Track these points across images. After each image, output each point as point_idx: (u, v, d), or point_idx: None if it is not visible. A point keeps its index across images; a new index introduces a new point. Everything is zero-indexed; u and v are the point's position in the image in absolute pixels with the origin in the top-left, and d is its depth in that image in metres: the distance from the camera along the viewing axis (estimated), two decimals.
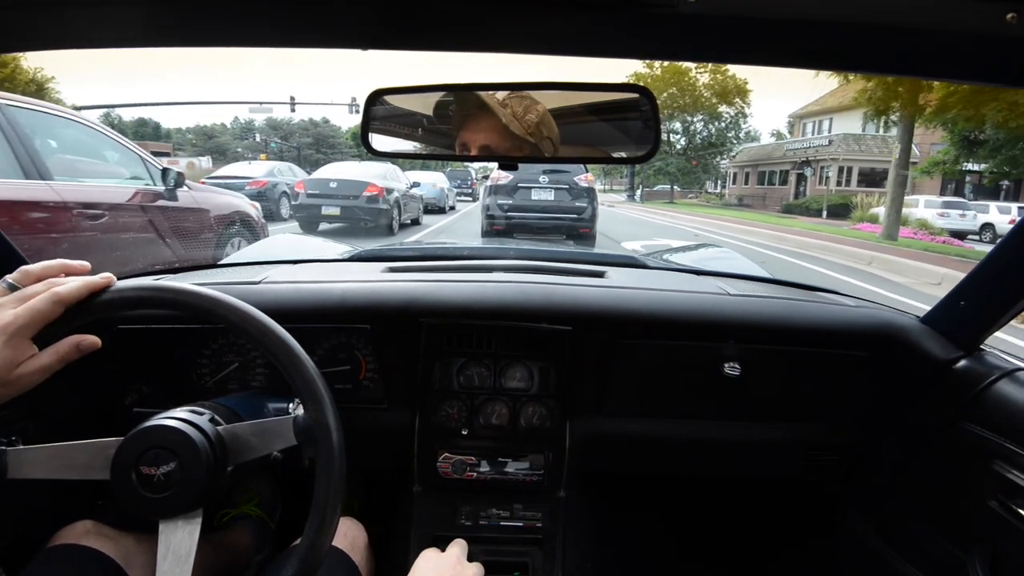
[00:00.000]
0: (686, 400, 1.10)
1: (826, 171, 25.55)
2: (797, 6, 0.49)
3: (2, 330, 0.58)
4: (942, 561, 0.91)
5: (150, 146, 27.85)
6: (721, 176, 37.44)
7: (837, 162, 25.43)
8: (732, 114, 34.82)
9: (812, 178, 26.93)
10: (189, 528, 0.61)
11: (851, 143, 26.03)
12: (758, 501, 1.41)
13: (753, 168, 33.10)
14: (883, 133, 24.78)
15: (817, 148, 27.05)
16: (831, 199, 22.41)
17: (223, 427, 0.66)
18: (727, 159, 35.80)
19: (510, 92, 0.67)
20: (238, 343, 1.06)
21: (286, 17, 0.54)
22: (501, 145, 0.68)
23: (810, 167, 26.47)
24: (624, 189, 47.61)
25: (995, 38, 0.49)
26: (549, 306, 1.06)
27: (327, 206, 8.38)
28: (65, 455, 0.63)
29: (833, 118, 30.01)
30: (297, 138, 35.26)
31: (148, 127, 43.08)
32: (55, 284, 0.62)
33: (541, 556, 1.08)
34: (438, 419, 1.07)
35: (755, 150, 34.25)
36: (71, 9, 0.53)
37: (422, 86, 0.70)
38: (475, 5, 0.51)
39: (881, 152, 24.38)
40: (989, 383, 0.88)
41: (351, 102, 21.54)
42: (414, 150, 0.74)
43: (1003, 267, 0.88)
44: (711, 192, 39.66)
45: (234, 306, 0.66)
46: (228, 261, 1.47)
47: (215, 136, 31.37)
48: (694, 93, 33.22)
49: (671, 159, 33.97)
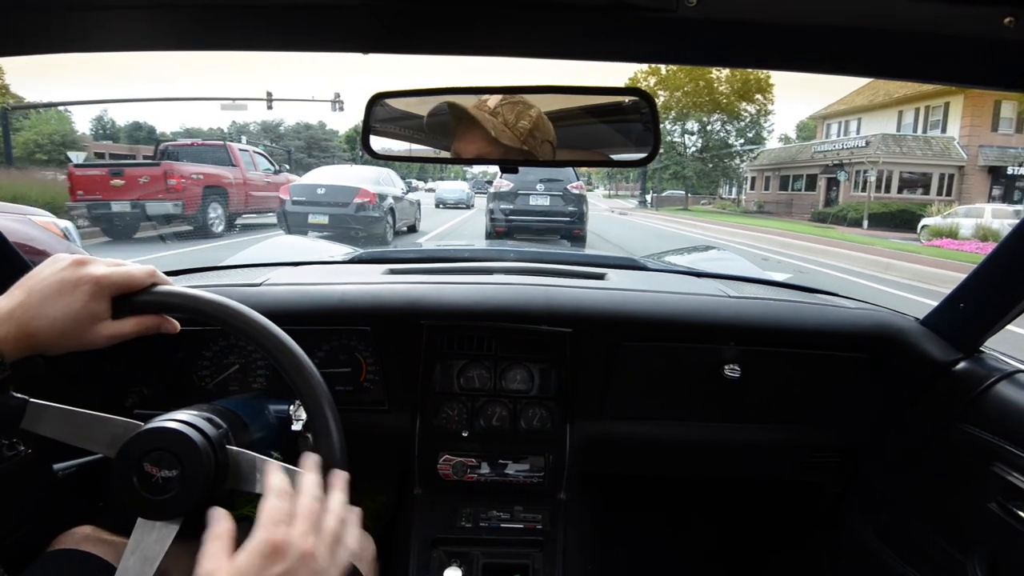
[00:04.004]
0: (686, 402, 1.10)
1: (865, 175, 21.92)
2: (795, 11, 0.49)
3: (95, 281, 0.60)
4: (942, 563, 0.91)
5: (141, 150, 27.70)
6: (740, 180, 33.50)
7: (877, 165, 21.64)
8: (753, 112, 31.05)
9: (846, 183, 23.57)
10: (164, 533, 0.61)
11: (891, 144, 22.64)
12: (757, 503, 1.41)
13: (775, 172, 29.80)
14: (926, 134, 22.93)
15: (852, 150, 23.47)
16: (873, 207, 19.62)
17: (233, 449, 0.65)
18: (746, 162, 31.91)
19: (503, 99, 0.67)
20: (239, 345, 1.07)
21: (288, 22, 0.54)
22: (492, 152, 0.70)
23: (844, 171, 22.96)
24: (630, 194, 45.04)
25: (992, 42, 0.49)
26: (549, 308, 1.06)
27: (314, 214, 7.90)
28: (81, 422, 0.63)
29: (862, 118, 27.21)
30: (287, 141, 34.55)
31: (143, 131, 42.98)
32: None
33: (541, 558, 1.07)
34: (439, 421, 1.07)
35: (777, 152, 31.24)
36: (78, 13, 0.53)
37: (423, 89, 0.70)
38: (476, 9, 0.51)
39: (924, 155, 22.27)
40: (989, 385, 0.88)
41: (334, 98, 19.01)
42: (413, 153, 0.75)
43: (1003, 269, 0.88)
44: (725, 198, 35.79)
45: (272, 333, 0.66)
46: (229, 263, 1.48)
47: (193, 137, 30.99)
48: (711, 90, 29.85)
49: (688, 162, 30.75)
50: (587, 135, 0.72)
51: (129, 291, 0.63)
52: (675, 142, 30.84)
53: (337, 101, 19.14)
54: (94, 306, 0.60)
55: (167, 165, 8.76)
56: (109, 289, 0.61)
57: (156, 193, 8.38)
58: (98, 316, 0.60)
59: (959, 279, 0.96)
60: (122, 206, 8.32)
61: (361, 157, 39.53)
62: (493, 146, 0.69)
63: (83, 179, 8.46)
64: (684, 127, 31.03)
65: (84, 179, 8.46)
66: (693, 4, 0.47)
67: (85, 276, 0.60)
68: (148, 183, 8.37)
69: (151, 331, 0.64)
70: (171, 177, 8.45)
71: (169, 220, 9.02)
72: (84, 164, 10.54)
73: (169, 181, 8.42)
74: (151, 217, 8.70)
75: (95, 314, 0.60)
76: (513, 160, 0.70)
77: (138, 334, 0.63)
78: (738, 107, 30.42)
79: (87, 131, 39.58)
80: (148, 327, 0.63)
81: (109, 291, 0.61)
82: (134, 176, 8.45)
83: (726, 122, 31.06)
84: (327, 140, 39.86)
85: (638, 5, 0.48)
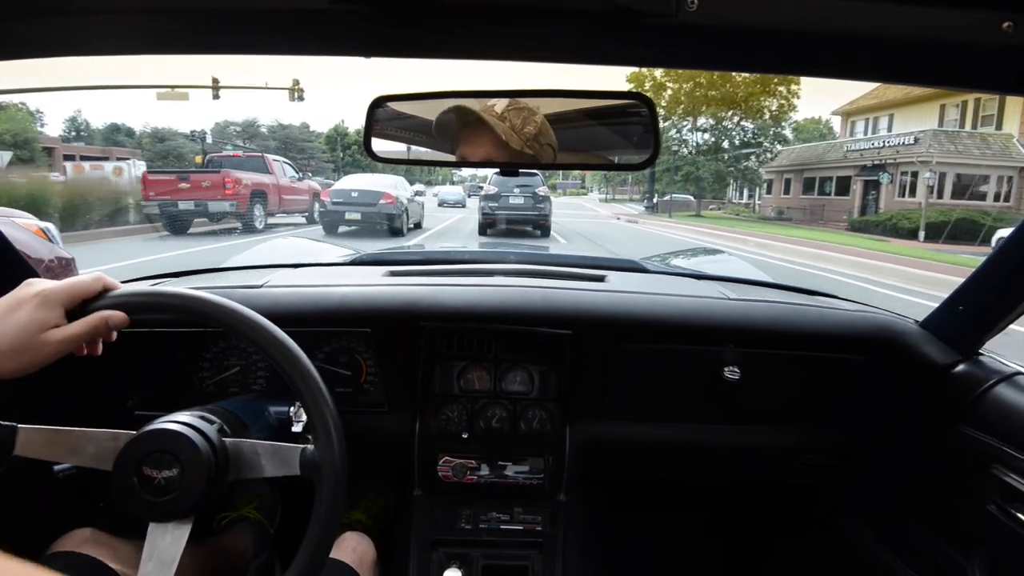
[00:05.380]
0: (686, 404, 1.11)
1: (911, 178, 18.66)
2: (794, 15, 0.49)
3: (40, 294, 0.61)
4: (941, 565, 0.91)
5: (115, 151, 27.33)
6: (758, 182, 28.22)
7: (929, 166, 17.64)
8: (774, 108, 26.47)
9: (889, 186, 19.58)
10: (178, 534, 0.62)
11: (944, 142, 18.55)
12: (757, 505, 1.41)
13: (797, 173, 25.50)
14: (979, 129, 19.18)
15: (897, 148, 19.24)
16: (933, 215, 16.13)
17: (230, 440, 0.66)
18: (763, 163, 27.09)
19: (509, 104, 0.68)
20: (239, 346, 1.07)
21: (289, 26, 0.54)
22: (499, 156, 0.70)
23: (887, 172, 19.34)
24: (629, 198, 41.90)
25: (992, 46, 0.49)
26: (549, 310, 1.06)
27: (350, 212, 10.42)
28: (74, 440, 0.64)
29: (894, 114, 22.62)
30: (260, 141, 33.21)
31: (121, 132, 42.56)
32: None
33: (541, 559, 1.07)
34: (438, 423, 1.07)
35: (800, 152, 26.60)
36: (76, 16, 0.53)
37: (425, 93, 0.70)
38: (477, 14, 0.52)
39: (983, 154, 18.36)
40: (988, 387, 0.88)
41: (292, 86, 15.60)
42: (416, 156, 0.75)
43: (1002, 272, 0.88)
44: (736, 203, 31.69)
45: (273, 335, 0.67)
46: (230, 264, 1.48)
47: (167, 139, 29.42)
48: (727, 80, 25.46)
49: (703, 162, 26.34)
50: (588, 138, 0.73)
51: (82, 298, 0.64)
52: (685, 139, 27.56)
53: (296, 89, 15.82)
54: (42, 314, 0.61)
55: (225, 172, 10.64)
56: (58, 298, 0.62)
57: (215, 195, 10.34)
58: (47, 323, 0.61)
59: None
60: (187, 205, 10.35)
61: (342, 159, 39.58)
62: (500, 150, 0.69)
63: (155, 182, 10.55)
64: (696, 123, 26.98)
65: (155, 182, 10.56)
66: (693, 9, 0.48)
67: (32, 291, 0.62)
68: (209, 187, 10.34)
69: (100, 330, 0.64)
70: (228, 182, 10.43)
71: (221, 218, 11.00)
72: (155, 170, 13.46)
73: (227, 185, 10.41)
74: (212, 215, 10.71)
75: (44, 321, 0.61)
76: (517, 164, 0.70)
77: (89, 335, 0.63)
78: (760, 101, 26.10)
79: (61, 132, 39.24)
80: (96, 326, 0.63)
81: (58, 300, 0.62)
82: (197, 181, 10.43)
83: (743, 118, 26.80)
84: (306, 141, 38.08)
85: (638, 10, 0.49)
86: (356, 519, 1.23)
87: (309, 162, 34.72)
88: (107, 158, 24.25)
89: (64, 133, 40.58)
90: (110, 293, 0.66)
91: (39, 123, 31.87)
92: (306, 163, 33.48)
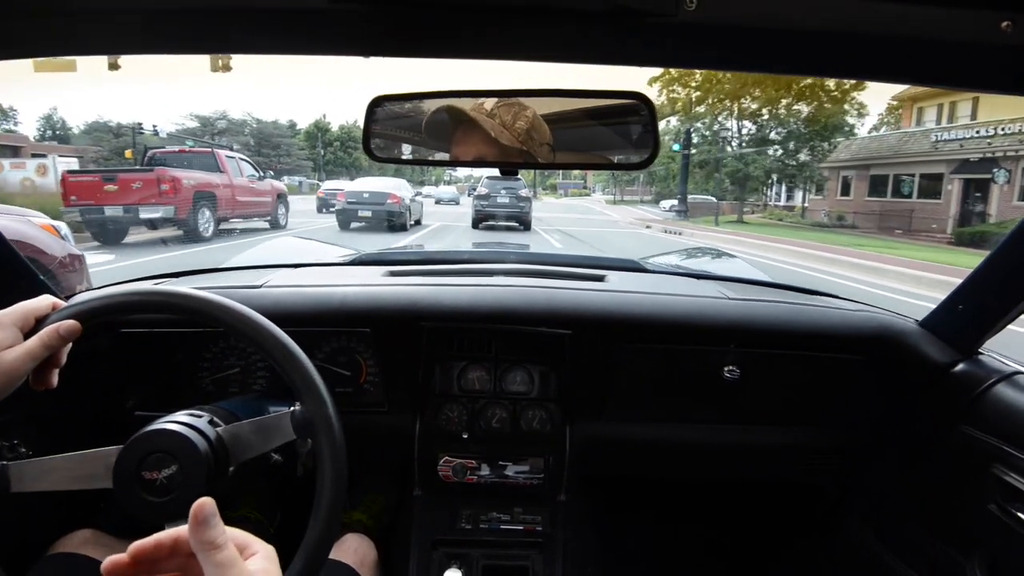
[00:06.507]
0: (686, 404, 1.11)
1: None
2: (794, 15, 0.49)
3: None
4: (942, 565, 0.91)
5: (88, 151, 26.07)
6: (816, 181, 22.12)
7: None
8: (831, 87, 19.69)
9: (1005, 186, 14.92)
10: None
11: None
12: (757, 504, 1.41)
13: (859, 171, 20.11)
14: None
15: (1021, 135, 14.42)
16: None
17: (222, 428, 0.66)
18: (822, 155, 20.90)
19: (498, 101, 0.68)
20: (239, 347, 1.07)
21: (289, 26, 0.55)
22: (492, 154, 0.70)
23: (1003, 168, 14.66)
24: (639, 199, 36.54)
25: (991, 46, 0.49)
26: (549, 310, 1.06)
27: (361, 210, 11.68)
28: (67, 466, 0.64)
29: (979, 97, 16.07)
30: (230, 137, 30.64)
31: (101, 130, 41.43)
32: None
33: (541, 559, 1.07)
34: (439, 423, 1.07)
35: (865, 144, 20.80)
36: (75, 16, 0.54)
37: (423, 93, 0.70)
38: (477, 14, 0.52)
39: None
40: (988, 386, 0.88)
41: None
42: (413, 156, 0.75)
43: (1002, 271, 0.88)
44: (778, 206, 25.42)
45: (225, 306, 0.67)
46: (230, 265, 1.48)
47: (123, 135, 26.61)
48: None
49: (753, 157, 20.42)
50: (586, 138, 0.72)
51: (34, 316, 0.63)
52: (727, 128, 22.32)
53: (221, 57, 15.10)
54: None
55: (160, 171, 8.94)
56: (10, 320, 0.62)
57: (149, 198, 8.56)
58: (3, 344, 0.60)
59: None
60: (115, 211, 8.53)
61: (323, 156, 38.73)
62: (492, 147, 0.69)
63: (76, 184, 8.65)
64: (740, 108, 21.23)
65: (77, 184, 8.65)
66: (692, 8, 0.48)
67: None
68: (141, 188, 8.54)
69: (54, 340, 0.63)
70: (164, 183, 8.65)
71: (159, 225, 9.19)
72: (77, 171, 11.19)
73: (162, 187, 8.61)
74: (143, 222, 8.88)
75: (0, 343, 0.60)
76: (512, 162, 0.70)
77: (46, 347, 0.63)
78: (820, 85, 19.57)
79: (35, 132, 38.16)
80: (50, 336, 0.63)
81: (11, 321, 0.62)
82: (127, 181, 8.59)
83: (793, 101, 20.65)
84: (281, 137, 36.02)
85: (638, 10, 0.49)
86: (357, 519, 1.23)
87: (282, 160, 33.47)
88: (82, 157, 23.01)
89: (39, 132, 39.64)
90: (69, 304, 0.66)
91: (11, 121, 31.05)
92: (279, 161, 32.10)
